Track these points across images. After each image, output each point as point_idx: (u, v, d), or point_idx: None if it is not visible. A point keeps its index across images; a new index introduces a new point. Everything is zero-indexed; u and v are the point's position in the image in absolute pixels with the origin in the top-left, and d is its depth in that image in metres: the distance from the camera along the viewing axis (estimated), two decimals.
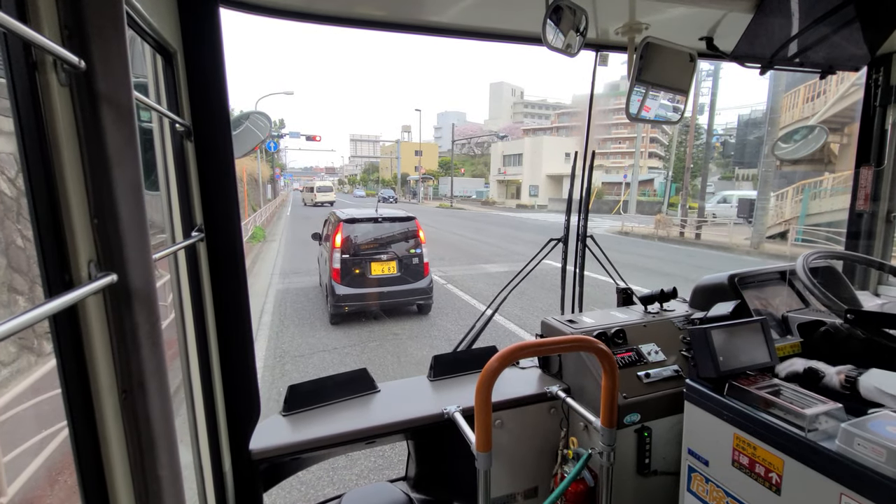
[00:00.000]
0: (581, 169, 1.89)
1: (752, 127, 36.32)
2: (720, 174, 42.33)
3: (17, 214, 5.02)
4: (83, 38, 0.51)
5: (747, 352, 1.14)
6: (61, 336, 0.55)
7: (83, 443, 0.57)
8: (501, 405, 1.43)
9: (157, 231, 0.92)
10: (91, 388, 0.56)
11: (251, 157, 28.06)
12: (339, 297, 6.03)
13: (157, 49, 0.92)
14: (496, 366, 0.97)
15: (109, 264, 0.55)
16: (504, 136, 50.79)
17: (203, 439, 1.11)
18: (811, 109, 14.37)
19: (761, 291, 1.58)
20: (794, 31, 1.34)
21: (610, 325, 1.50)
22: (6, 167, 5.03)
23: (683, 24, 1.41)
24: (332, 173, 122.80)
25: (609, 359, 1.06)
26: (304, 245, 12.86)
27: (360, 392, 1.50)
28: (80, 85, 0.52)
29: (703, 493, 1.16)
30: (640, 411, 1.31)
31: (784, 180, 16.39)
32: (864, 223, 1.92)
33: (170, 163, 0.99)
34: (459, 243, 14.72)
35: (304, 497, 2.87)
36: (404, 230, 6.53)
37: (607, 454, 1.11)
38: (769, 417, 0.99)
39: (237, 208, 1.13)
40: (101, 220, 0.54)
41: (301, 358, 5.17)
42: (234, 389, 1.18)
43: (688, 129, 21.38)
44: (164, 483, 0.63)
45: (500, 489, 1.47)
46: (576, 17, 1.24)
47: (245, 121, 1.53)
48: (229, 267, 1.12)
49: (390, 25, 1.41)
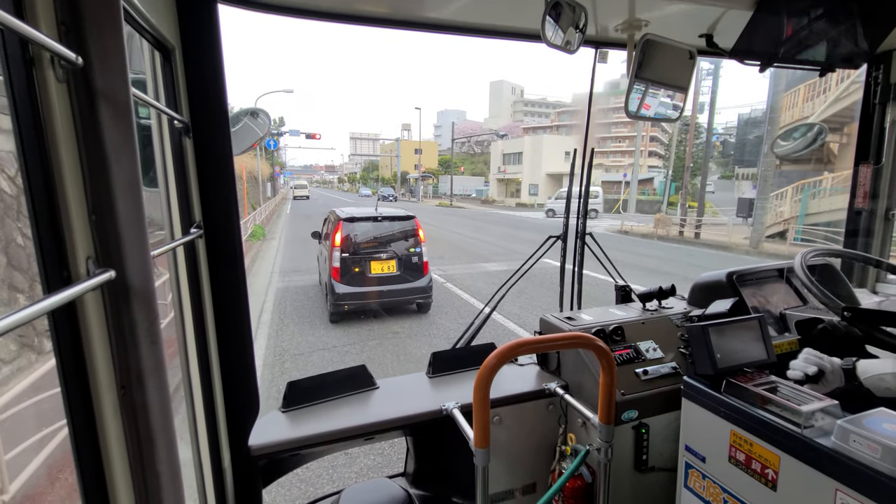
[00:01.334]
0: (580, 167, 1.89)
1: (752, 126, 36.33)
2: (720, 173, 42.34)
3: (17, 212, 5.02)
4: (80, 34, 0.51)
5: (745, 349, 1.15)
6: (60, 332, 0.55)
7: (82, 438, 0.57)
8: (500, 402, 1.43)
9: (156, 228, 0.92)
10: (90, 384, 0.56)
11: (251, 155, 28.06)
12: (339, 296, 6.04)
13: (155, 45, 0.92)
14: (494, 363, 0.97)
15: (108, 261, 0.55)
16: (504, 135, 50.68)
17: (202, 436, 1.11)
18: (811, 109, 14.36)
19: (759, 289, 1.58)
20: (793, 28, 1.34)
21: (608, 322, 1.50)
22: (6, 165, 5.03)
23: (683, 21, 1.41)
24: (332, 171, 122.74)
25: (607, 356, 1.06)
26: (303, 243, 12.86)
27: (359, 388, 1.50)
28: (77, 81, 0.52)
29: (700, 490, 1.17)
30: (637, 408, 1.32)
31: (783, 179, 16.39)
32: (862, 221, 1.92)
33: (168, 159, 0.99)
34: (459, 242, 14.72)
35: (303, 495, 2.88)
36: (404, 229, 6.53)
37: (605, 451, 1.12)
38: (766, 414, 1.00)
39: (236, 205, 1.13)
40: (99, 216, 0.54)
41: (301, 356, 5.17)
42: (234, 386, 1.19)
43: (688, 128, 21.37)
44: (164, 479, 0.63)
45: (499, 485, 1.47)
46: (575, 14, 1.24)
47: (244, 117, 1.53)
48: (228, 263, 1.13)
49: (390, 22, 1.41)
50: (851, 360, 1.11)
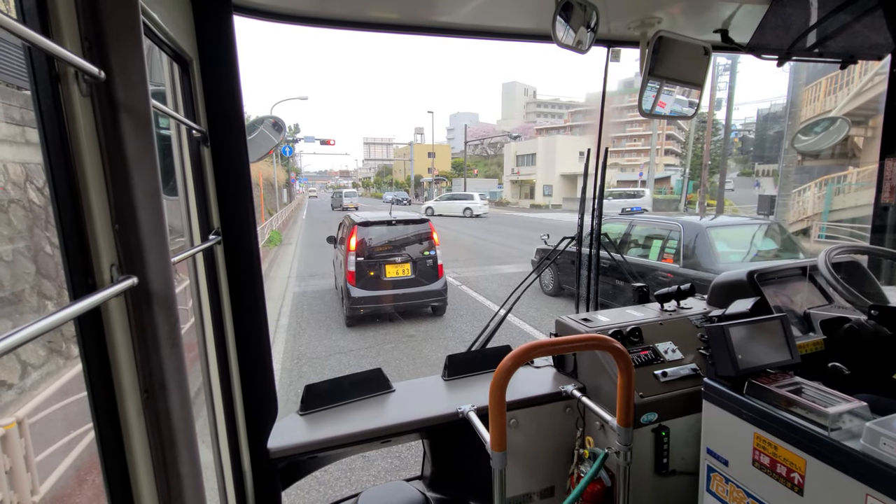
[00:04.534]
0: (594, 167, 1.88)
1: (772, 121, 35.50)
2: (739, 170, 41.44)
3: (46, 223, 5.19)
4: (103, 50, 0.53)
5: (767, 349, 1.12)
6: (86, 337, 0.57)
7: (108, 441, 0.59)
8: (516, 404, 1.42)
9: (177, 235, 0.94)
10: (114, 388, 0.58)
11: (267, 162, 28.52)
12: (355, 300, 6.09)
13: (173, 57, 0.95)
14: (510, 365, 0.96)
15: (130, 268, 0.57)
16: (517, 136, 50.51)
17: (223, 438, 1.13)
18: (833, 102, 13.97)
19: (782, 288, 1.54)
20: (812, 20, 1.31)
21: (625, 323, 1.48)
22: (35, 177, 5.21)
23: (697, 16, 1.39)
24: (346, 176, 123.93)
25: (625, 357, 1.04)
26: (319, 248, 13.00)
27: (376, 392, 1.51)
28: (100, 95, 0.54)
29: (722, 494, 1.14)
30: (657, 410, 1.30)
31: (805, 175, 15.95)
32: (889, 216, 1.86)
33: (187, 168, 1.02)
34: (473, 245, 14.70)
35: (321, 497, 2.90)
36: (418, 232, 6.55)
37: (624, 454, 1.10)
38: (791, 416, 0.97)
39: (253, 212, 1.15)
40: (122, 225, 0.56)
41: (318, 360, 5.22)
42: (253, 389, 1.20)
43: (705, 125, 20.99)
44: (185, 480, 0.64)
45: (516, 489, 1.46)
46: (586, 14, 1.23)
47: (259, 126, 1.56)
48: (246, 269, 1.15)
49: (401, 27, 1.42)
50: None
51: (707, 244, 5.05)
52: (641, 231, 6.01)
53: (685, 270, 5.10)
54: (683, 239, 5.27)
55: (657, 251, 5.57)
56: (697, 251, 5.09)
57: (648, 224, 6.06)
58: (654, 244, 5.69)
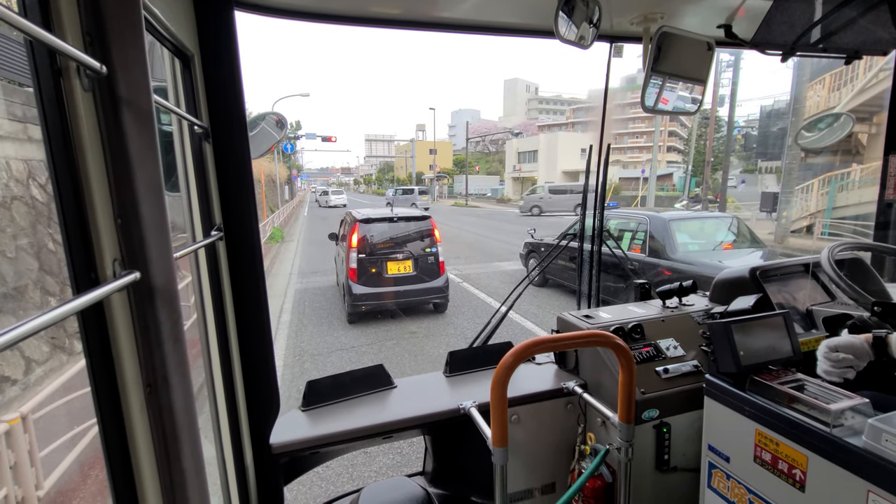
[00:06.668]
0: (596, 164, 1.87)
1: (776, 118, 35.32)
2: (742, 167, 41.26)
3: (49, 219, 5.21)
4: (104, 44, 0.53)
5: (769, 346, 1.12)
6: (89, 332, 0.57)
7: (111, 436, 0.59)
8: (518, 401, 1.42)
9: (179, 231, 0.94)
10: (117, 383, 0.58)
11: (268, 159, 28.51)
12: (356, 297, 6.09)
13: (175, 53, 0.94)
14: (511, 361, 0.96)
15: (133, 263, 0.57)
16: (519, 133, 50.36)
17: (225, 434, 1.14)
18: (837, 99, 13.88)
19: (784, 285, 1.54)
20: (817, 15, 1.30)
21: (627, 320, 1.48)
22: (37, 174, 5.22)
23: (700, 11, 1.38)
24: (348, 173, 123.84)
25: (626, 354, 1.04)
26: (321, 245, 13.01)
27: (377, 388, 1.51)
28: (102, 90, 0.54)
29: (724, 490, 1.14)
30: (658, 407, 1.30)
31: (809, 172, 15.88)
32: (893, 213, 1.85)
33: (189, 164, 1.02)
34: (475, 241, 14.69)
35: (323, 493, 2.92)
36: (419, 229, 6.55)
37: (625, 450, 1.10)
38: (792, 413, 0.97)
39: (255, 208, 1.15)
40: (124, 220, 0.56)
41: (319, 356, 5.23)
42: (255, 385, 1.21)
43: (708, 122, 20.91)
44: (188, 474, 0.64)
45: (518, 484, 1.46)
46: (588, 9, 1.22)
47: (261, 122, 1.55)
48: (248, 264, 1.15)
49: (403, 23, 1.42)
50: (882, 331, 1.05)
51: (669, 235, 5.58)
52: (616, 224, 6.39)
53: (649, 259, 5.63)
54: (650, 231, 5.77)
55: (628, 242, 6.07)
56: (660, 242, 5.60)
57: (622, 218, 6.51)
58: (625, 236, 6.16)
